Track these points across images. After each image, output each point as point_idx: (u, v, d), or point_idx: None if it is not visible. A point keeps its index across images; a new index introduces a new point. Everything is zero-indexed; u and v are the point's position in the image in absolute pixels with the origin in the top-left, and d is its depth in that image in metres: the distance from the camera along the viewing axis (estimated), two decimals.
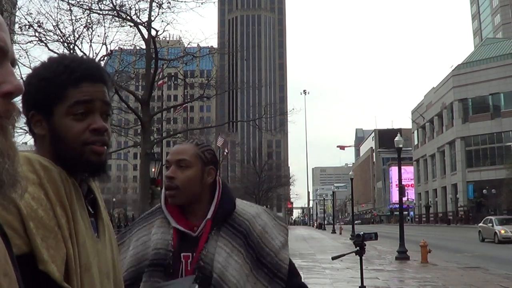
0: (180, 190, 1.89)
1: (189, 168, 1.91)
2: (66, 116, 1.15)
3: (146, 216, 1.98)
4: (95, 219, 1.19)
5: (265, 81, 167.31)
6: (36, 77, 1.16)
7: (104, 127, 1.18)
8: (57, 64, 1.17)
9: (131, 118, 22.96)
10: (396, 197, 42.61)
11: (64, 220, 1.06)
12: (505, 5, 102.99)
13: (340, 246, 26.03)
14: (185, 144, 1.99)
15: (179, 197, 1.90)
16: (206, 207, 1.91)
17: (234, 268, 1.83)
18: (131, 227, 1.97)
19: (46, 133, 1.16)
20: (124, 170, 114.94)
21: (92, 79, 1.18)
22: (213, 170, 1.96)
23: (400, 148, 19.60)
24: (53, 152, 1.15)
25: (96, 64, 1.22)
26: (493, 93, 65.35)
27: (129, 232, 1.95)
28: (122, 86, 18.82)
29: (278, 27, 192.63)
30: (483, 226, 30.65)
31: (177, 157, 1.93)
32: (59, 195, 1.07)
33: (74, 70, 1.16)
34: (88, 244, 1.09)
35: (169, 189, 1.89)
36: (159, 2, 17.73)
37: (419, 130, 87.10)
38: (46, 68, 1.17)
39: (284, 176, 78.34)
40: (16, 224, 0.98)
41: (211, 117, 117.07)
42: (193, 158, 1.93)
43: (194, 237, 1.84)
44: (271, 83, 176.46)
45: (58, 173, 1.10)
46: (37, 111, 1.15)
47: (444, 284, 11.34)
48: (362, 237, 5.82)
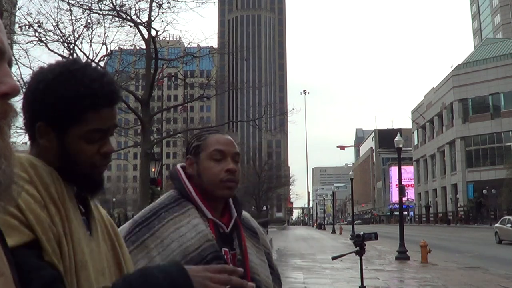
0: (237, 185, 1.84)
1: (238, 163, 1.86)
2: (80, 139, 1.14)
3: (171, 205, 1.80)
4: (86, 217, 1.18)
5: (265, 81, 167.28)
6: (52, 92, 1.12)
7: (112, 150, 1.20)
8: (76, 82, 1.13)
9: (131, 118, 22.94)
10: (396, 197, 42.63)
11: (58, 218, 1.05)
12: (505, 5, 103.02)
13: (340, 246, 26.04)
14: (228, 136, 1.90)
15: (234, 191, 1.84)
16: (223, 204, 1.87)
17: (265, 269, 1.88)
18: (156, 219, 1.76)
19: (53, 146, 1.14)
20: (124, 170, 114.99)
21: (112, 103, 1.17)
22: None
23: (400, 148, 19.60)
24: (58, 165, 1.13)
25: (115, 86, 1.20)
26: (493, 93, 65.39)
27: (157, 224, 1.74)
28: (122, 86, 18.79)
29: (278, 27, 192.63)
30: (500, 227, 27.26)
31: (234, 150, 1.84)
32: (50, 194, 1.06)
33: (97, 94, 1.13)
34: (83, 242, 1.09)
35: (232, 181, 1.80)
36: (159, 2, 17.72)
37: (419, 130, 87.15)
38: (63, 84, 1.13)
39: (284, 176, 78.43)
40: (19, 214, 0.98)
41: (211, 117, 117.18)
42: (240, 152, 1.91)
43: (226, 233, 1.80)
44: (271, 83, 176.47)
45: (49, 173, 1.09)
46: (48, 125, 1.13)
47: (444, 284, 11.34)
48: (362, 237, 5.83)
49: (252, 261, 1.80)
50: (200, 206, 1.79)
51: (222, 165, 1.79)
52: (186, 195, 1.81)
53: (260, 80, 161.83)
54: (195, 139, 1.90)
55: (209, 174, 1.80)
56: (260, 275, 1.82)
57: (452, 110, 69.96)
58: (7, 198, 0.81)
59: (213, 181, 1.79)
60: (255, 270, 1.80)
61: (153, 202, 1.88)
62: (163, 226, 1.73)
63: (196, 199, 1.80)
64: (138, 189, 19.68)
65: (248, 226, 1.93)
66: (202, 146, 1.85)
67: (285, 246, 25.88)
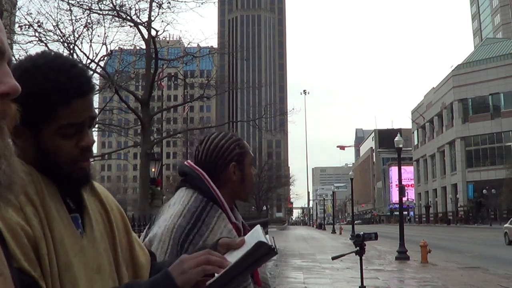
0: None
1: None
2: (55, 135, 1.10)
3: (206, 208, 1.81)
4: (80, 214, 1.15)
5: (265, 81, 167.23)
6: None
7: (92, 142, 1.16)
8: (42, 76, 1.08)
9: (131, 118, 22.95)
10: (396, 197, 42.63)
11: (37, 220, 1.01)
12: (505, 5, 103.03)
13: (340, 246, 26.03)
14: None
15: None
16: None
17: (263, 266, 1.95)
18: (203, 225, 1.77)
19: (30, 145, 1.10)
20: (124, 170, 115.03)
21: (83, 94, 1.12)
22: None
23: (400, 148, 19.59)
24: (38, 165, 1.10)
25: (85, 75, 1.14)
26: (493, 93, 65.41)
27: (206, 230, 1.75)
28: (122, 86, 18.81)
29: (278, 27, 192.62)
30: (510, 227, 25.84)
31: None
32: (28, 195, 1.03)
33: (65, 88, 1.08)
34: (68, 242, 1.05)
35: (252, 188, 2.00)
36: (159, 2, 17.73)
37: (419, 130, 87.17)
38: (29, 80, 1.07)
39: (284, 176, 78.44)
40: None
41: (211, 117, 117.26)
42: None
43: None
44: (271, 83, 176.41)
45: (28, 173, 1.06)
46: (21, 124, 1.05)
47: (444, 284, 11.34)
48: (362, 237, 5.82)
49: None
50: (228, 211, 1.86)
51: (253, 172, 1.98)
52: (213, 199, 1.83)
53: (260, 80, 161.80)
54: (236, 145, 1.93)
55: (251, 180, 1.95)
56: (267, 279, 1.94)
57: (452, 110, 69.98)
58: (6, 199, 0.81)
59: (251, 188, 1.98)
60: (262, 268, 1.90)
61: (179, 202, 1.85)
62: (211, 232, 1.75)
63: (225, 204, 1.85)
64: (138, 189, 19.69)
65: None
66: (244, 153, 1.94)
67: (285, 246, 25.86)
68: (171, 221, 1.78)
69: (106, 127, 21.41)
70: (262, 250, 1.21)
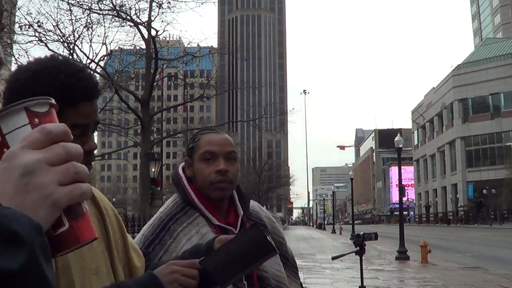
0: (232, 184, 1.80)
1: (235, 161, 1.83)
2: None
3: (178, 215, 1.79)
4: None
5: (265, 81, 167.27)
6: (28, 90, 1.07)
7: (95, 147, 1.17)
8: (51, 78, 1.10)
9: (131, 118, 22.94)
10: (396, 197, 42.64)
11: None
12: (505, 5, 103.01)
13: (340, 246, 26.03)
14: (224, 134, 1.86)
15: (229, 191, 1.81)
16: (228, 203, 1.86)
17: (274, 262, 1.85)
18: (166, 233, 1.75)
19: None
20: (124, 170, 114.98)
21: (90, 98, 1.15)
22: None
23: (400, 148, 19.59)
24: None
25: (92, 80, 1.17)
26: (493, 93, 65.43)
27: (169, 239, 1.73)
28: (122, 86, 18.82)
29: (278, 27, 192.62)
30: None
31: (227, 149, 1.81)
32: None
33: (72, 90, 1.11)
34: None
35: (223, 182, 1.77)
36: (159, 2, 17.73)
37: (419, 130, 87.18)
38: (39, 81, 1.09)
39: (284, 176, 78.34)
40: None
41: (211, 117, 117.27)
42: (237, 150, 1.87)
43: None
44: (271, 83, 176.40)
45: None
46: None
47: (444, 284, 11.34)
48: (362, 237, 5.82)
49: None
50: (205, 213, 1.78)
51: (212, 166, 1.77)
52: (190, 202, 1.80)
53: (260, 80, 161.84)
54: (191, 140, 1.89)
55: (200, 176, 1.79)
56: (268, 270, 1.82)
57: (452, 110, 69.99)
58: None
59: (205, 183, 1.78)
60: (262, 266, 1.75)
61: (159, 209, 1.86)
62: (175, 240, 1.73)
63: (200, 207, 1.78)
64: (138, 189, 19.69)
65: (256, 218, 1.93)
66: (195, 147, 1.83)
67: None
68: (143, 230, 1.82)
69: (106, 127, 21.40)
70: (255, 231, 1.22)
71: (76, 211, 0.69)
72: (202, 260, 1.20)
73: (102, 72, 17.61)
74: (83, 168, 0.69)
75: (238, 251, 1.21)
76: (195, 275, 1.19)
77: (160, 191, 20.38)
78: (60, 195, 0.65)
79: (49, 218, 0.65)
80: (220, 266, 1.19)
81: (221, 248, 1.23)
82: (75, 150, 0.69)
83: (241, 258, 1.21)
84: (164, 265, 1.22)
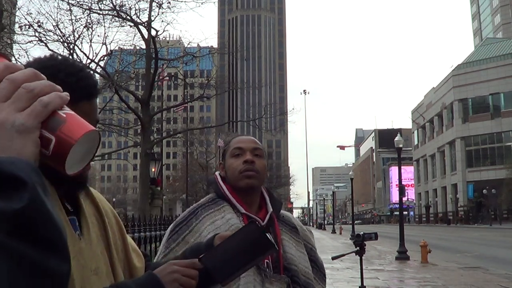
0: (259, 175, 1.97)
1: (262, 158, 2.02)
2: None
3: (207, 204, 1.99)
4: (77, 217, 1.16)
5: (265, 81, 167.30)
6: None
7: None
8: (51, 77, 1.05)
9: (131, 118, 22.94)
10: (396, 197, 42.64)
11: None
12: (505, 5, 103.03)
13: (340, 246, 26.03)
14: (250, 136, 2.09)
15: (258, 180, 1.97)
16: (258, 200, 2.02)
17: (304, 260, 2.02)
18: (193, 217, 1.95)
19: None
20: (124, 170, 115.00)
21: (89, 97, 1.15)
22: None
23: (400, 148, 19.58)
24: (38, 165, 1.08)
25: (93, 79, 1.18)
26: (493, 93, 65.43)
27: (195, 221, 1.93)
28: (122, 86, 18.81)
29: (278, 27, 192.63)
30: None
31: (253, 145, 2.01)
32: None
33: (72, 89, 1.08)
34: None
35: (250, 171, 1.95)
36: (159, 2, 17.73)
37: (419, 130, 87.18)
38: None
39: (284, 176, 78.32)
40: None
41: (211, 117, 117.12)
42: (263, 149, 2.05)
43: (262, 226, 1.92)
44: (271, 83, 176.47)
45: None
46: None
47: (444, 284, 11.34)
48: (362, 237, 5.81)
49: (289, 252, 1.94)
50: (234, 202, 1.95)
51: (241, 159, 1.98)
52: (221, 194, 1.99)
53: (260, 80, 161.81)
54: (224, 146, 2.12)
55: (231, 169, 1.99)
56: (298, 265, 1.94)
57: (452, 110, 69.98)
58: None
59: (234, 174, 1.97)
60: (292, 260, 1.93)
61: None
62: (200, 221, 1.91)
63: (229, 196, 1.96)
64: (138, 189, 19.67)
65: (288, 222, 2.07)
66: (227, 149, 2.05)
67: None
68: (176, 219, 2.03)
69: (106, 127, 21.40)
70: (253, 228, 1.23)
71: (54, 122, 0.68)
72: (201, 258, 1.20)
73: (102, 72, 17.61)
74: (36, 84, 0.66)
75: (237, 248, 1.21)
76: (195, 276, 1.19)
77: (160, 191, 20.37)
78: (22, 119, 0.63)
79: (28, 144, 0.64)
80: (219, 263, 1.19)
81: (220, 245, 1.23)
82: (20, 74, 0.66)
83: (241, 255, 1.21)
84: (164, 265, 1.22)
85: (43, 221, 0.59)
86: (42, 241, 0.59)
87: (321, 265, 2.19)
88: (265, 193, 2.06)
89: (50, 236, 0.60)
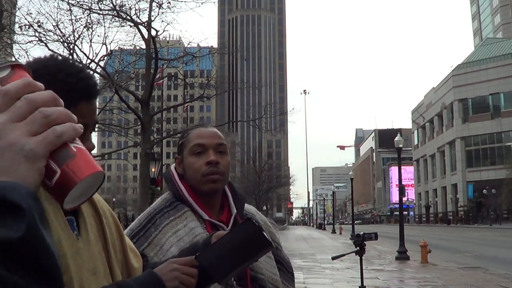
0: (224, 176, 1.76)
1: (226, 154, 1.80)
2: None
3: (165, 209, 1.77)
4: (75, 217, 1.16)
5: (265, 81, 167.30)
6: None
7: (93, 147, 1.17)
8: (51, 77, 1.09)
9: (131, 118, 22.94)
10: (396, 197, 42.62)
11: None
12: (505, 5, 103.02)
13: (340, 246, 26.04)
14: (213, 128, 1.85)
15: (222, 183, 1.76)
16: (220, 200, 1.82)
17: (271, 265, 1.84)
18: (152, 226, 1.73)
19: None
20: (124, 170, 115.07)
21: (89, 98, 1.15)
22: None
23: (400, 148, 19.59)
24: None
25: (92, 80, 1.18)
26: (493, 93, 65.44)
27: (154, 231, 1.71)
28: (122, 86, 18.81)
29: (278, 27, 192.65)
30: None
31: (217, 141, 1.78)
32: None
33: (71, 89, 1.10)
34: (65, 244, 1.05)
35: (216, 174, 1.73)
36: (159, 2, 17.73)
37: (419, 130, 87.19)
38: (38, 80, 1.08)
39: (284, 176, 78.30)
40: None
41: (211, 117, 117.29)
42: (226, 144, 1.83)
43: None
44: (271, 83, 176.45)
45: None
46: None
47: (444, 284, 11.34)
48: (362, 237, 5.82)
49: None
50: (195, 208, 1.74)
51: (203, 159, 1.74)
52: (180, 197, 1.77)
53: (260, 80, 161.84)
54: (180, 137, 1.88)
55: (191, 170, 1.76)
56: (264, 273, 1.78)
57: (452, 110, 69.99)
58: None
59: (196, 177, 1.74)
60: (259, 268, 1.75)
61: (150, 206, 1.85)
62: (160, 232, 1.70)
63: (190, 201, 1.75)
64: (138, 189, 19.68)
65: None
66: (185, 142, 1.82)
67: (285, 246, 25.66)
68: (131, 224, 1.80)
69: (106, 127, 21.40)
70: (249, 225, 1.21)
71: (63, 154, 0.66)
72: (198, 256, 1.20)
73: (102, 72, 17.61)
74: (54, 111, 0.64)
75: (234, 246, 1.20)
76: (194, 274, 1.19)
77: (160, 191, 20.36)
78: (32, 145, 0.61)
79: (32, 172, 0.62)
80: (215, 261, 1.19)
81: (216, 244, 1.23)
82: (40, 97, 0.65)
83: (237, 253, 1.20)
84: (164, 264, 1.22)
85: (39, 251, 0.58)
86: (37, 271, 0.58)
87: (288, 265, 2.02)
88: (228, 191, 1.85)
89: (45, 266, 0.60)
